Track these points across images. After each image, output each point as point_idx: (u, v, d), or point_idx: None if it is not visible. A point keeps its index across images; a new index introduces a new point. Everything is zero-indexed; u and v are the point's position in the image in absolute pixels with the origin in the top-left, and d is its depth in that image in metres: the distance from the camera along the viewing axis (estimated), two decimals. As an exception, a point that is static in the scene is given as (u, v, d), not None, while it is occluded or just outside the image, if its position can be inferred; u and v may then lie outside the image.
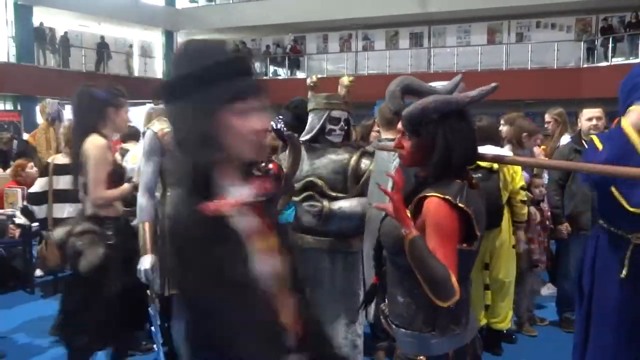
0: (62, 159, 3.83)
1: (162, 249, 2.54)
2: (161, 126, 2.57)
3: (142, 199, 2.54)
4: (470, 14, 16.65)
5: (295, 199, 2.47)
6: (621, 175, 1.73)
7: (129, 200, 2.79)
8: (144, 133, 2.69)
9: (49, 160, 3.90)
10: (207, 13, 19.78)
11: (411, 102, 1.54)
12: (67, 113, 6.79)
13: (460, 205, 1.43)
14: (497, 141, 3.52)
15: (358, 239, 2.52)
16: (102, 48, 18.08)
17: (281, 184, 2.29)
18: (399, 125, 1.56)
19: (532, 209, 3.56)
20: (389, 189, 1.55)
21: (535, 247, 3.57)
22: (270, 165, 2.18)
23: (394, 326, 1.59)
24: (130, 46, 20.02)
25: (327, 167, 2.47)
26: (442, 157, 1.48)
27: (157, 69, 20.36)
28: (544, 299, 4.29)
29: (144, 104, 7.62)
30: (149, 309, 2.52)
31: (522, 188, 3.33)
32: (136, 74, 19.30)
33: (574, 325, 2.57)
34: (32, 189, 3.77)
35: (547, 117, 4.81)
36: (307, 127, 2.63)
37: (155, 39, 20.78)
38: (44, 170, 3.92)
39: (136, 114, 7.22)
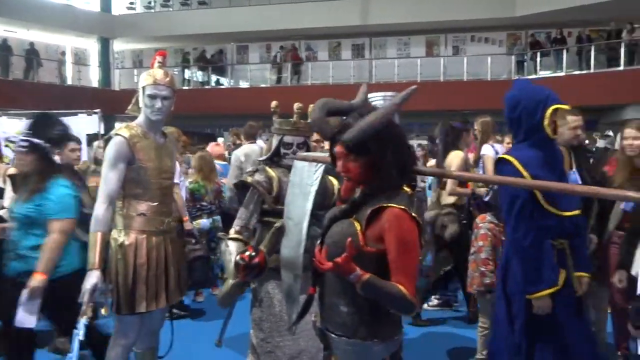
0: None
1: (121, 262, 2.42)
2: (130, 132, 2.45)
3: (101, 208, 2.37)
4: (409, 27, 17.20)
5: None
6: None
7: None
8: (108, 139, 2.53)
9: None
10: (145, 20, 19.23)
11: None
12: (-5, 124, 6.35)
13: (414, 215, 1.50)
14: None
15: None
16: (32, 55, 17.13)
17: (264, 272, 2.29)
18: (339, 149, 1.56)
19: None
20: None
21: None
22: (257, 259, 2.14)
23: (334, 336, 1.60)
24: (63, 53, 19.12)
25: None
26: (393, 167, 1.51)
27: (93, 78, 19.54)
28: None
29: (76, 114, 7.26)
30: (80, 323, 2.32)
31: None
32: (69, 82, 18.43)
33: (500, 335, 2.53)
34: None
35: (475, 126, 4.97)
36: (265, 148, 2.70)
37: (90, 46, 19.97)
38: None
39: (69, 125, 6.88)
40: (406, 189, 1.58)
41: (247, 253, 2.14)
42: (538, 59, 15.79)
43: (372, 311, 1.53)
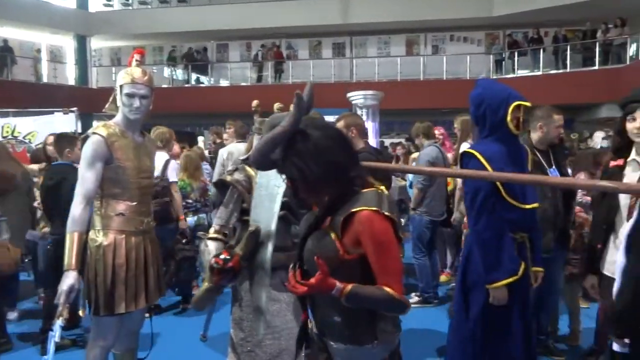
0: None
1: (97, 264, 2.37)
2: (107, 131, 2.41)
3: (78, 208, 2.32)
4: (389, 26, 17.29)
5: None
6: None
7: None
8: (85, 138, 2.47)
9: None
10: (123, 18, 18.94)
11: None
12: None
13: (387, 214, 1.47)
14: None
15: None
16: (6, 52, 16.73)
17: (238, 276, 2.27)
18: None
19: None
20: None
21: None
22: (231, 263, 2.12)
23: (332, 342, 1.58)
24: (38, 51, 18.72)
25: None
26: (322, 176, 1.46)
27: (69, 76, 19.18)
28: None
29: (52, 112, 7.13)
30: (55, 324, 2.26)
31: None
32: (45, 80, 18.06)
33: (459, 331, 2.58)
34: None
35: (454, 124, 5.05)
36: (246, 147, 2.70)
37: (67, 43, 19.58)
38: None
39: (45, 124, 6.74)
40: (381, 187, 1.56)
41: (222, 257, 2.13)
42: (516, 58, 16.03)
43: (367, 316, 1.52)
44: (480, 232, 2.35)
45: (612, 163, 2.44)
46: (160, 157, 4.40)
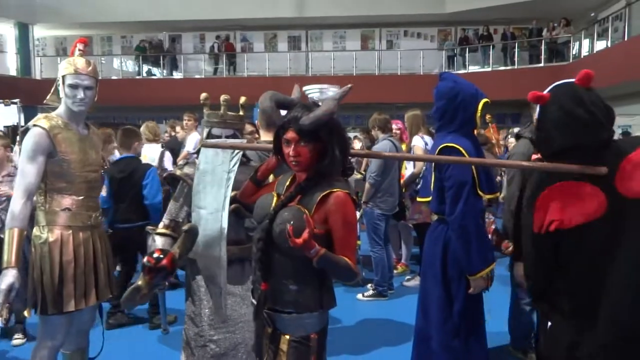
0: None
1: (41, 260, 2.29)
2: (49, 123, 2.31)
3: (18, 203, 2.24)
4: (344, 21, 17.36)
5: None
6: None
7: None
8: (25, 130, 2.37)
9: None
10: (68, 5, 18.06)
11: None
12: None
13: (354, 197, 1.75)
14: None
15: None
16: (-61, 39, 15.68)
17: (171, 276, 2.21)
18: (291, 135, 1.67)
19: None
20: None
21: None
22: (164, 262, 2.05)
23: (284, 314, 1.73)
24: (-25, 39, 17.65)
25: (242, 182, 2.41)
26: (338, 153, 1.69)
27: (10, 66, 18.18)
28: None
29: (-8, 103, 6.76)
30: None
31: None
32: (-17, 70, 17.07)
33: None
34: None
35: (405, 119, 5.16)
36: (199, 140, 2.62)
37: (7, 31, 18.54)
38: None
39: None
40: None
41: (154, 255, 2.09)
42: (467, 55, 16.47)
43: (318, 285, 1.74)
44: (466, 225, 2.37)
45: (534, 156, 2.63)
46: (155, 149, 4.71)
